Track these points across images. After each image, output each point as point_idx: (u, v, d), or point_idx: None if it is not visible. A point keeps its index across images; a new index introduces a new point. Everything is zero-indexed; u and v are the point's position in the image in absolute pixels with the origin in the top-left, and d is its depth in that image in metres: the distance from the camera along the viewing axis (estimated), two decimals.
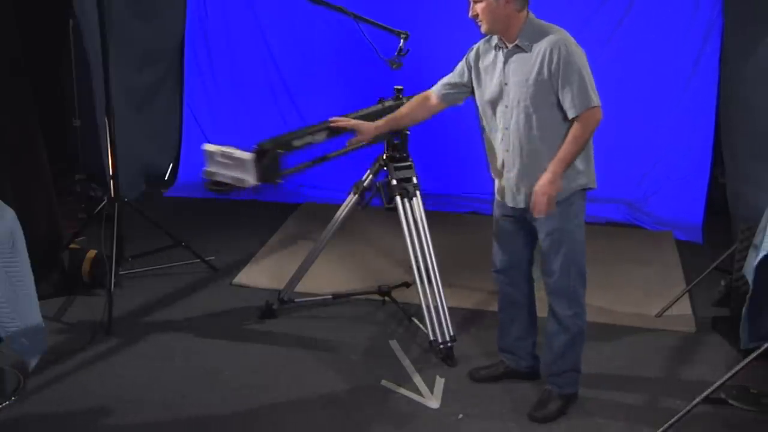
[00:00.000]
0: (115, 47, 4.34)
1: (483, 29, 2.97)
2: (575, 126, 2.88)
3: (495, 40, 3.02)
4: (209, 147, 3.25)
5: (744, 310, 3.05)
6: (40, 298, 3.22)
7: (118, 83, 4.78)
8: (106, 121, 4.14)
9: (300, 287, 4.01)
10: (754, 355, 2.87)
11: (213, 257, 4.57)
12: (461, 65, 3.23)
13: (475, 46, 3.15)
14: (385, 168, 3.69)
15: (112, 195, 4.16)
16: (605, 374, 3.44)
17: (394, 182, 3.63)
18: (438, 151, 5.40)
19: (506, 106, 2.99)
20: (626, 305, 4.05)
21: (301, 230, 5.12)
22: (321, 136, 3.38)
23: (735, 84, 4.76)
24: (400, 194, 3.61)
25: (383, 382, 3.37)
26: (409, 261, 3.59)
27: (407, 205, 3.61)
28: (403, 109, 3.37)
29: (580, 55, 2.87)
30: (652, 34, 5.18)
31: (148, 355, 3.58)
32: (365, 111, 3.58)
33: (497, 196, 3.21)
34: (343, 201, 3.82)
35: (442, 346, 3.52)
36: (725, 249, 4.15)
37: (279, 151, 3.19)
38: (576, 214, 3.01)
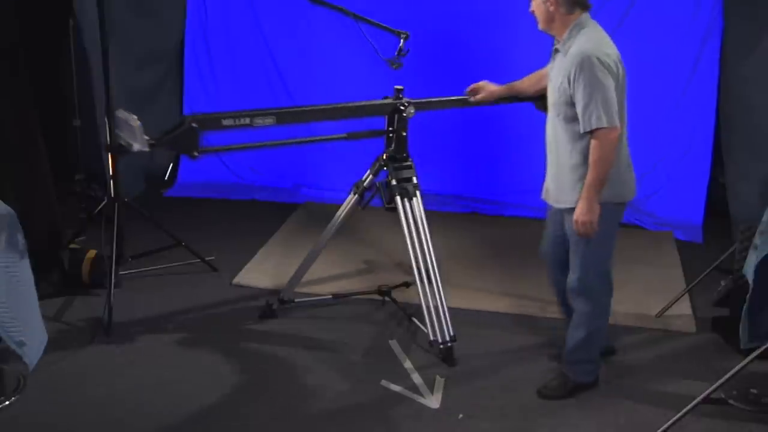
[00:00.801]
0: (115, 47, 4.33)
1: (539, 26, 3.07)
2: (592, 148, 2.92)
3: None
4: (120, 113, 3.32)
5: (744, 310, 3.05)
6: (40, 298, 3.22)
7: (118, 83, 4.78)
8: (106, 121, 4.14)
9: (300, 287, 4.02)
10: (754, 355, 2.87)
11: (213, 257, 4.57)
12: None
13: None
14: (385, 168, 3.69)
15: (112, 195, 4.16)
16: (605, 374, 3.44)
17: (394, 182, 3.63)
18: (438, 151, 5.40)
19: (550, 104, 3.09)
20: (626, 305, 4.05)
21: (301, 230, 5.12)
22: (268, 120, 3.36)
23: (735, 84, 4.76)
24: (400, 194, 3.61)
25: (383, 382, 3.38)
26: (409, 261, 3.59)
27: (407, 205, 3.61)
28: (525, 79, 3.46)
29: (599, 71, 2.84)
30: (653, 35, 5.18)
31: (148, 355, 3.58)
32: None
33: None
34: (343, 201, 3.82)
35: (442, 346, 3.52)
36: (725, 249, 4.15)
37: (194, 125, 3.23)
38: (599, 221, 3.01)
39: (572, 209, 3.04)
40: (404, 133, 3.65)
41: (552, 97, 3.05)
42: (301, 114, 3.56)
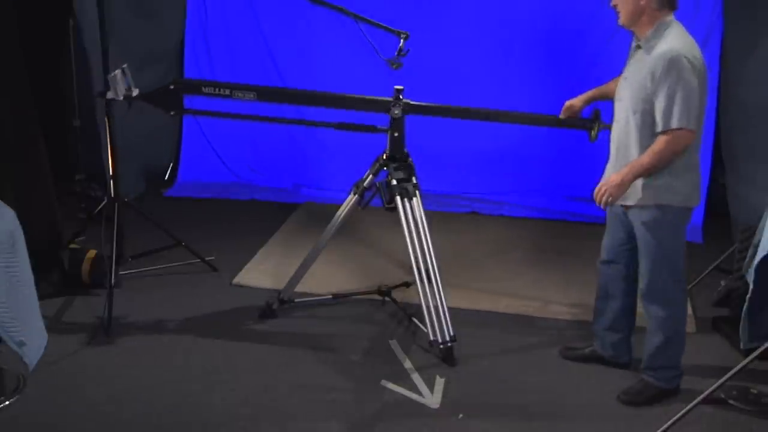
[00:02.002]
0: (115, 47, 4.34)
1: (619, 21, 3.00)
2: (658, 140, 2.90)
3: None
4: (117, 73, 3.69)
5: (744, 310, 3.05)
6: (40, 298, 3.22)
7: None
8: (106, 121, 4.14)
9: (300, 287, 4.01)
10: (754, 355, 2.87)
11: (213, 257, 4.57)
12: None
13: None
14: (385, 168, 3.69)
15: (112, 195, 4.16)
16: (606, 374, 3.44)
17: (394, 182, 3.63)
18: (438, 151, 5.40)
19: (620, 101, 3.06)
20: None
21: (301, 230, 5.12)
22: (249, 96, 3.59)
23: (735, 84, 4.76)
24: (400, 194, 3.61)
25: (383, 382, 3.38)
26: (409, 261, 3.59)
27: (407, 205, 3.61)
28: (609, 85, 3.37)
29: (686, 73, 2.83)
30: None
31: (147, 355, 3.58)
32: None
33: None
34: (343, 201, 3.82)
35: (442, 346, 3.52)
36: (725, 249, 4.16)
37: (172, 86, 3.65)
38: (669, 225, 3.04)
39: (642, 207, 3.04)
40: (401, 134, 3.65)
41: (629, 95, 3.00)
42: (282, 95, 3.67)
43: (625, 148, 3.06)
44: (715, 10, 5.01)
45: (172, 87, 3.66)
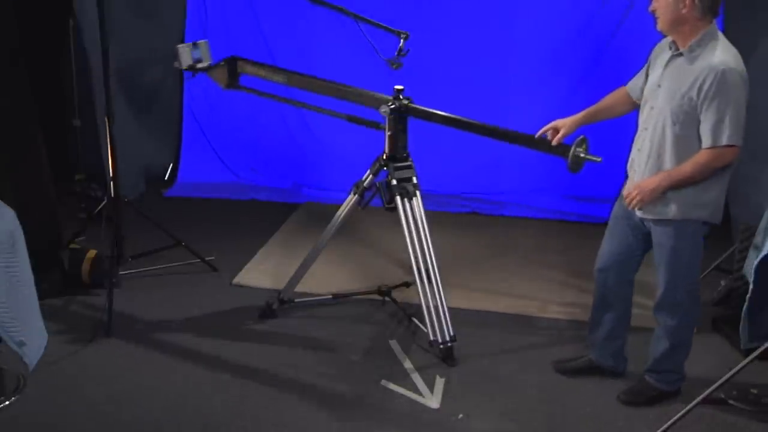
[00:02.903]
0: (115, 47, 4.33)
1: (658, 26, 2.93)
2: (702, 153, 2.85)
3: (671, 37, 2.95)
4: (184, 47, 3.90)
5: (744, 310, 3.05)
6: (40, 298, 3.22)
7: (118, 83, 4.78)
8: (106, 121, 4.14)
9: (300, 287, 4.01)
10: (754, 355, 2.87)
11: (213, 257, 4.57)
12: (648, 57, 3.17)
13: (662, 41, 3.08)
14: (385, 168, 3.69)
15: (112, 195, 4.16)
16: (606, 374, 3.44)
17: (394, 182, 3.63)
18: (438, 151, 5.40)
19: (652, 108, 2.97)
20: (635, 306, 4.04)
21: (301, 230, 5.12)
22: (279, 78, 3.93)
23: None
24: (400, 194, 3.61)
25: (383, 382, 3.38)
26: (409, 261, 3.59)
27: (407, 205, 3.61)
28: (605, 102, 3.30)
29: (737, 89, 2.78)
30: (652, 36, 5.17)
31: (147, 355, 3.58)
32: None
33: (622, 193, 3.20)
34: (343, 201, 3.82)
35: (442, 346, 3.52)
36: (725, 249, 4.15)
37: (226, 62, 3.94)
38: (690, 237, 3.01)
39: (666, 222, 2.98)
40: (395, 133, 3.65)
41: (666, 103, 2.89)
42: (309, 83, 3.85)
43: (657, 156, 2.97)
44: None
45: (222, 63, 3.93)
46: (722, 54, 2.81)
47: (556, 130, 3.27)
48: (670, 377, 3.24)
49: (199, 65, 3.89)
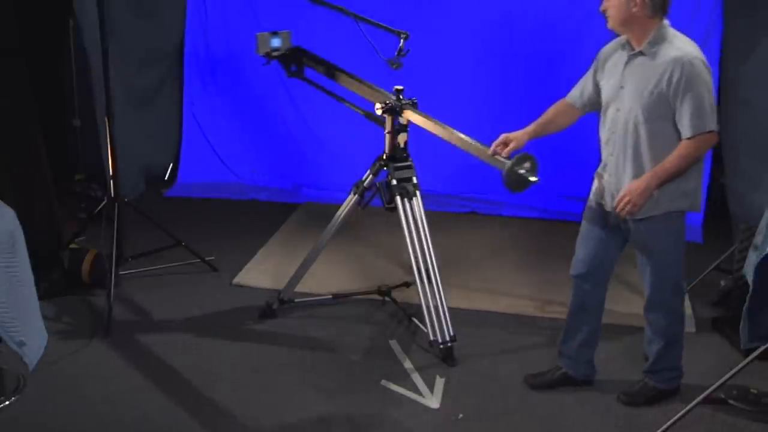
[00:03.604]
0: (115, 47, 4.33)
1: (608, 25, 2.94)
2: (684, 144, 2.84)
3: (624, 39, 2.96)
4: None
5: (744, 310, 3.05)
6: (40, 298, 3.22)
7: (118, 83, 4.77)
8: (106, 121, 4.14)
9: (300, 287, 4.01)
10: (754, 355, 2.87)
11: (213, 257, 4.57)
12: (593, 64, 3.15)
13: (608, 45, 3.08)
14: (385, 168, 3.69)
15: (112, 195, 4.16)
16: (605, 374, 3.44)
17: (394, 182, 3.63)
18: (438, 151, 5.39)
19: (618, 110, 2.96)
20: (625, 305, 4.05)
21: (301, 230, 5.12)
22: (320, 69, 4.05)
23: (735, 84, 4.76)
24: (400, 194, 3.61)
25: (383, 382, 3.38)
26: (409, 261, 3.59)
27: (407, 205, 3.61)
28: (548, 116, 3.25)
29: (705, 76, 2.79)
30: None
31: (148, 355, 3.58)
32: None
33: (592, 197, 3.16)
34: (343, 201, 3.82)
35: (442, 346, 3.52)
36: (725, 249, 4.15)
37: (291, 52, 4.01)
38: (671, 232, 3.01)
39: (649, 218, 2.96)
40: (393, 133, 3.65)
41: (633, 103, 2.88)
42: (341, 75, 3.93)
43: (634, 157, 2.94)
44: (714, 10, 5.00)
45: (286, 52, 4.01)
46: (684, 45, 2.84)
47: (505, 144, 3.19)
48: (667, 375, 3.25)
49: (276, 53, 3.94)
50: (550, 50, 5.36)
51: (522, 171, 3.09)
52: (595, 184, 3.15)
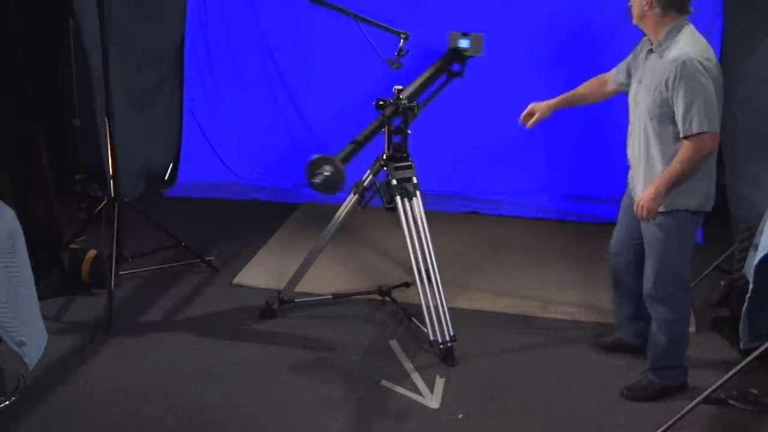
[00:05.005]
0: (115, 47, 4.34)
1: (633, 20, 3.05)
2: (683, 146, 2.90)
3: None
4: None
5: (744, 310, 3.05)
6: (40, 298, 3.22)
7: (118, 83, 4.78)
8: (106, 121, 4.14)
9: (300, 287, 4.01)
10: (754, 355, 2.87)
11: (213, 257, 4.57)
12: (633, 50, 3.24)
13: (645, 36, 3.16)
14: (385, 168, 3.69)
15: (112, 195, 4.16)
16: (605, 374, 3.44)
17: (394, 182, 3.63)
18: (438, 151, 5.40)
19: (637, 104, 3.07)
20: None
21: (301, 230, 5.12)
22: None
23: (735, 84, 4.75)
24: (400, 194, 3.61)
25: (383, 382, 3.38)
26: (409, 261, 3.59)
27: (407, 205, 3.61)
28: (580, 89, 3.41)
29: (699, 76, 2.83)
30: None
31: (148, 355, 3.58)
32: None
33: (628, 182, 3.30)
34: (343, 201, 3.82)
35: (442, 346, 3.52)
36: (725, 249, 4.15)
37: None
38: (676, 228, 3.05)
39: (663, 213, 3.03)
40: (405, 133, 3.65)
41: (644, 100, 2.99)
42: None
43: (647, 155, 3.03)
44: (714, 9, 5.00)
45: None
46: (683, 45, 2.89)
47: (530, 115, 3.40)
48: (672, 372, 3.26)
49: (464, 52, 3.91)
50: (549, 51, 5.36)
51: (328, 173, 3.18)
52: (630, 172, 3.27)
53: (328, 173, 3.16)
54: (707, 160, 2.98)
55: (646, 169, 3.06)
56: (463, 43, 3.89)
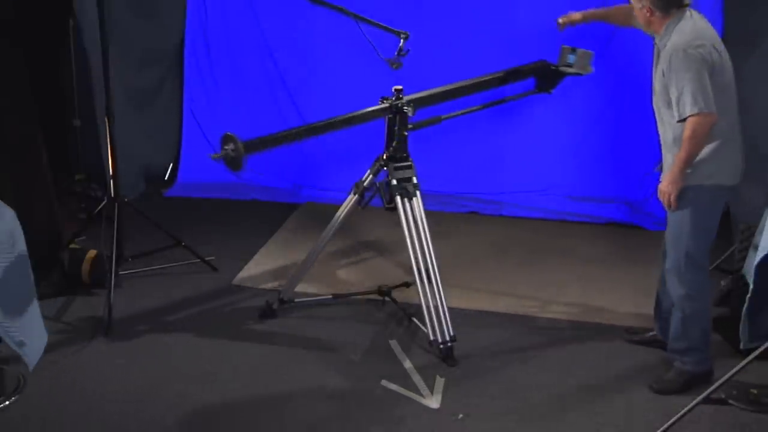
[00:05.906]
0: (115, 47, 4.34)
1: (642, 30, 3.31)
2: (684, 129, 3.06)
3: None
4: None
5: (744, 310, 3.05)
6: (40, 298, 3.22)
7: (118, 83, 4.77)
8: (106, 121, 4.14)
9: (300, 287, 4.02)
10: (754, 355, 2.87)
11: (213, 257, 4.57)
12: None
13: None
14: (385, 168, 3.69)
15: (112, 195, 4.16)
16: (605, 374, 3.44)
17: (394, 182, 3.63)
18: (438, 151, 5.40)
19: (654, 93, 3.26)
20: (626, 305, 4.05)
21: (301, 230, 5.12)
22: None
23: (735, 84, 4.75)
24: (400, 194, 3.61)
25: (383, 382, 3.38)
26: (409, 261, 3.59)
27: (407, 205, 3.61)
28: (611, 9, 3.73)
29: (688, 61, 3.00)
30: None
31: (147, 355, 3.58)
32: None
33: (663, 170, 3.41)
34: (343, 201, 3.82)
35: (442, 346, 3.52)
36: (725, 249, 4.15)
37: None
38: (690, 204, 3.16)
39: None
40: (405, 133, 3.65)
41: (656, 88, 3.22)
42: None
43: (663, 135, 3.25)
44: (715, 8, 5.00)
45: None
46: (675, 37, 3.09)
47: (569, 20, 3.75)
48: (694, 356, 3.30)
49: (566, 69, 3.92)
50: (550, 49, 5.35)
51: (232, 153, 3.31)
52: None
53: (230, 151, 3.32)
54: (709, 137, 3.09)
55: (666, 155, 3.24)
56: (571, 59, 3.90)
